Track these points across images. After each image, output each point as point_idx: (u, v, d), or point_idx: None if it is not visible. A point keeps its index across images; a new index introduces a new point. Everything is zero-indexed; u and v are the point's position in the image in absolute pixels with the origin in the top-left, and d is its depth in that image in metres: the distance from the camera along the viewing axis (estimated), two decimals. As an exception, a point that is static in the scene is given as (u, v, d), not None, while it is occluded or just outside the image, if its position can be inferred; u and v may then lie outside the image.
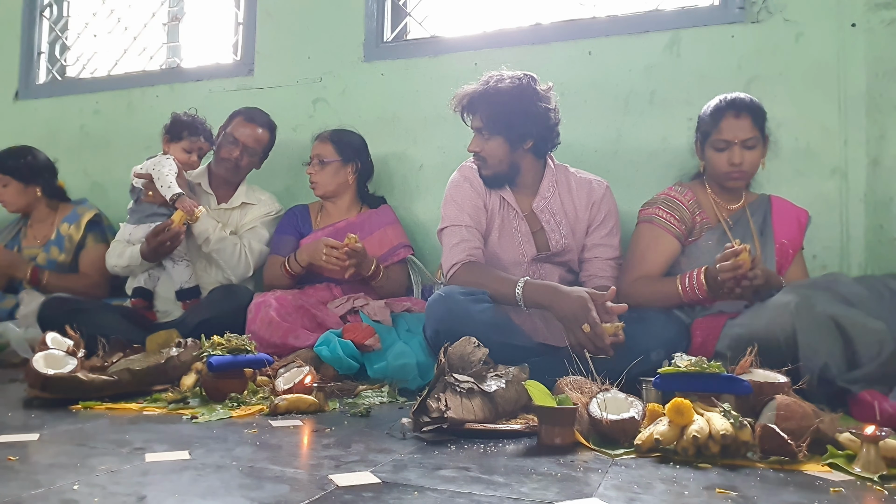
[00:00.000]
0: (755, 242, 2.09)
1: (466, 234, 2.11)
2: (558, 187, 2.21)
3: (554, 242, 2.17)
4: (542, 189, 2.19)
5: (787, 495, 1.09)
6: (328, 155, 2.57)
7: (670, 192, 2.18)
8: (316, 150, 2.60)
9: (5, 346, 2.48)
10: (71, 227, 2.82)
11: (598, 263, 2.19)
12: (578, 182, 2.23)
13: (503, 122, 2.07)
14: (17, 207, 2.88)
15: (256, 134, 2.67)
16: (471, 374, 1.55)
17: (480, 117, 2.11)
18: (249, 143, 2.66)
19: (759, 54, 2.38)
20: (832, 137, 2.30)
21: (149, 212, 2.51)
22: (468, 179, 2.19)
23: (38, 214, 2.90)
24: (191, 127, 2.52)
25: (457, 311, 1.88)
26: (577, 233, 2.20)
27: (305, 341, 2.17)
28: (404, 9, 2.97)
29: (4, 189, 2.83)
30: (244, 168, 2.69)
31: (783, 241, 2.11)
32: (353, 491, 1.05)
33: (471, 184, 2.18)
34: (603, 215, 2.21)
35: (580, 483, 1.13)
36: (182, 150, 2.52)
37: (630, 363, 1.65)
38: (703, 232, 2.13)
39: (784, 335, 1.70)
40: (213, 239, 2.53)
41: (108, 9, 3.54)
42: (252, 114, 2.69)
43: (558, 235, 2.17)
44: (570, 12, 2.71)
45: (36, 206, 2.89)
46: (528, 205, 2.20)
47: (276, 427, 1.53)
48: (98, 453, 1.25)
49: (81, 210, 2.86)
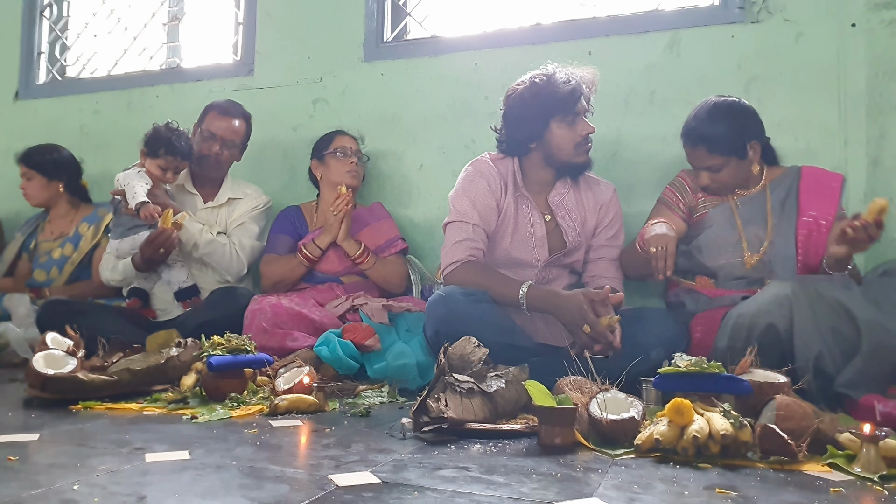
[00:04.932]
0: (768, 221, 2.08)
1: (472, 233, 2.10)
2: (570, 186, 2.22)
3: (570, 239, 2.17)
4: (558, 185, 2.21)
5: (787, 495, 1.09)
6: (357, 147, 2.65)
7: (682, 172, 2.25)
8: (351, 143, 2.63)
9: (5, 346, 2.48)
10: (90, 228, 2.89)
11: (603, 264, 2.19)
12: (587, 183, 2.25)
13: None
14: (39, 201, 2.97)
15: (233, 126, 2.66)
16: (471, 374, 1.55)
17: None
18: (228, 136, 2.65)
19: (759, 54, 2.38)
20: (832, 137, 2.29)
21: (130, 224, 2.49)
22: (484, 176, 2.15)
23: (58, 210, 2.98)
24: (168, 146, 2.48)
25: (458, 311, 1.88)
26: (586, 232, 2.21)
27: (304, 343, 2.17)
28: (404, 9, 2.97)
29: (28, 182, 2.93)
30: (225, 162, 2.68)
31: (811, 213, 2.04)
32: (353, 491, 1.05)
33: (487, 182, 2.14)
34: (611, 217, 2.22)
35: (580, 483, 1.13)
36: (157, 167, 2.50)
37: (630, 363, 1.65)
38: (708, 209, 2.16)
39: (782, 322, 1.70)
40: (202, 243, 2.52)
41: (108, 9, 3.54)
42: (225, 106, 2.68)
43: (574, 232, 2.18)
44: (570, 12, 2.71)
45: (57, 201, 2.97)
46: (544, 200, 2.20)
47: (276, 427, 1.53)
48: (98, 453, 1.25)
49: (102, 212, 2.91)
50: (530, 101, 2.09)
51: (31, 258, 2.99)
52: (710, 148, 2.06)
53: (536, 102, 2.08)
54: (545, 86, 2.08)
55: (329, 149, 2.61)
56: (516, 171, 2.19)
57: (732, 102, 2.10)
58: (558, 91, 2.06)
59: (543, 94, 2.07)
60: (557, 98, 2.06)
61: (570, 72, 2.10)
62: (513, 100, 2.15)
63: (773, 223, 2.07)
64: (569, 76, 2.08)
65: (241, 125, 2.69)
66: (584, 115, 2.11)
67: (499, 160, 2.21)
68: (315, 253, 2.51)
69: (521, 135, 2.15)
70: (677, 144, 2.45)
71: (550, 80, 2.08)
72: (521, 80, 2.15)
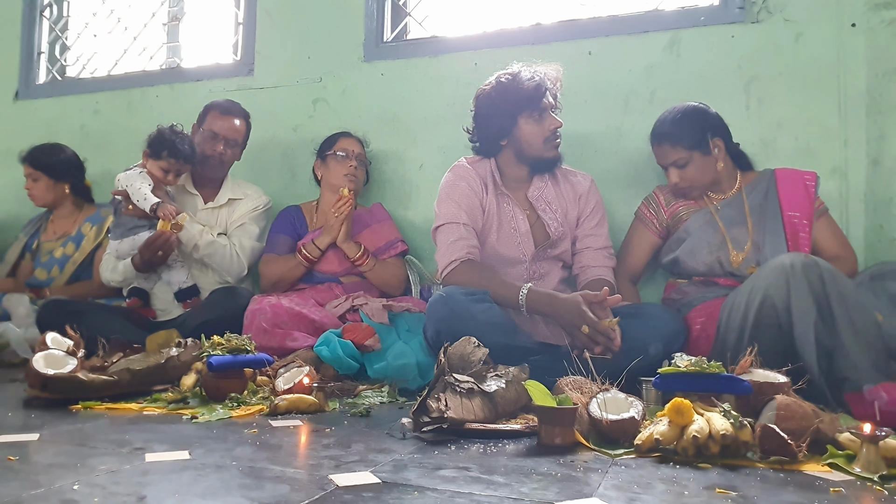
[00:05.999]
0: (748, 223, 2.15)
1: (464, 232, 2.12)
2: (547, 180, 2.27)
3: (553, 230, 2.20)
4: (535, 180, 2.25)
5: (787, 495, 1.09)
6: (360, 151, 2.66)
7: (656, 188, 2.34)
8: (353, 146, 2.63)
9: (5, 346, 2.48)
10: (93, 228, 2.90)
11: (590, 254, 2.23)
12: (564, 175, 2.30)
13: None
14: (44, 202, 2.98)
15: (235, 125, 2.68)
16: (471, 374, 1.55)
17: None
18: (230, 135, 2.66)
19: (759, 54, 2.38)
20: (832, 137, 2.29)
21: (130, 225, 2.50)
22: (464, 178, 2.20)
23: (62, 210, 2.99)
24: (172, 148, 2.49)
25: (458, 311, 1.88)
26: (569, 223, 2.25)
27: (304, 343, 2.17)
28: (404, 9, 2.97)
29: (35, 184, 2.93)
30: (228, 161, 2.69)
31: (792, 213, 2.13)
32: (353, 491, 1.05)
33: (467, 183, 2.19)
34: (591, 207, 2.26)
35: (580, 483, 1.13)
36: (159, 169, 2.50)
37: (629, 362, 1.65)
38: (690, 215, 2.22)
39: (780, 296, 1.71)
40: (202, 245, 2.52)
41: (108, 9, 3.54)
42: (226, 106, 2.69)
43: (556, 223, 2.21)
44: (570, 12, 2.71)
45: (62, 202, 2.98)
46: (524, 196, 2.24)
47: (276, 427, 1.53)
48: (98, 453, 1.25)
49: (105, 213, 2.92)
50: (497, 100, 2.16)
51: (33, 258, 3.00)
52: (672, 142, 2.16)
53: (503, 100, 2.15)
54: (510, 84, 2.15)
55: (331, 150, 2.62)
56: (494, 171, 2.24)
57: (694, 104, 2.21)
58: (523, 88, 2.12)
59: (509, 92, 2.14)
60: (523, 95, 2.13)
61: (534, 70, 2.16)
62: (481, 100, 2.22)
63: (752, 223, 2.14)
64: (533, 74, 2.15)
65: (241, 124, 2.70)
66: (552, 111, 2.17)
67: (476, 162, 2.26)
68: (314, 253, 2.51)
69: (490, 133, 2.21)
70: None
71: (515, 78, 2.15)
72: (488, 81, 2.22)
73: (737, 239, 2.15)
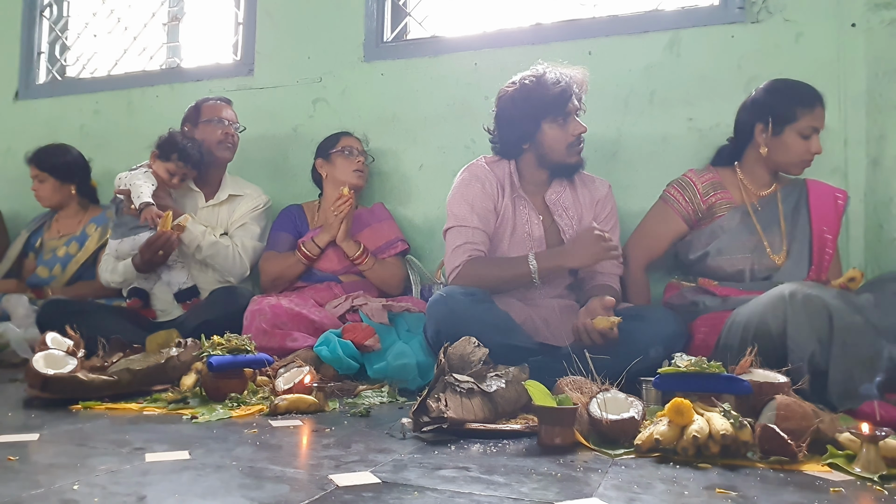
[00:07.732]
0: (781, 229, 2.09)
1: (472, 236, 2.10)
2: (565, 184, 2.23)
3: (568, 237, 2.17)
4: (554, 184, 2.22)
5: (787, 495, 1.09)
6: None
7: (689, 172, 2.22)
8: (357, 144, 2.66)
9: (5, 346, 2.48)
10: (98, 229, 2.92)
11: None
12: (582, 180, 2.26)
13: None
14: (50, 203, 3.00)
15: (231, 110, 2.76)
16: (471, 374, 1.55)
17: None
18: (232, 118, 2.73)
19: (759, 54, 2.38)
20: (832, 137, 2.29)
21: (131, 224, 2.50)
22: (480, 179, 2.15)
23: (67, 211, 3.01)
24: (182, 152, 2.52)
25: (458, 311, 1.88)
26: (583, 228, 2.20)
27: (303, 343, 2.17)
28: (404, 9, 2.97)
29: (41, 185, 2.95)
30: (235, 146, 2.73)
31: (822, 227, 2.06)
32: (353, 491, 1.05)
33: (482, 185, 2.14)
34: (606, 212, 2.24)
35: (580, 483, 1.13)
36: (166, 170, 2.52)
37: (630, 362, 1.65)
38: (726, 210, 2.13)
39: (775, 323, 1.70)
40: (204, 245, 2.53)
41: (108, 9, 3.54)
42: (214, 97, 2.76)
43: (571, 229, 2.19)
44: (570, 12, 2.71)
45: (68, 203, 3.00)
46: (541, 199, 2.21)
47: (276, 427, 1.53)
48: (98, 453, 1.25)
49: (110, 214, 2.90)
50: (521, 103, 2.10)
51: (36, 256, 3.00)
52: (823, 105, 2.07)
53: (527, 104, 2.08)
54: (535, 87, 2.08)
55: (336, 147, 2.62)
56: (513, 173, 2.20)
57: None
58: (549, 92, 2.06)
59: (534, 96, 2.07)
60: (548, 99, 2.07)
61: (560, 72, 2.10)
62: (504, 102, 2.15)
63: (786, 229, 2.09)
64: (559, 77, 2.08)
65: (232, 109, 2.76)
66: (576, 114, 2.11)
67: (494, 162, 2.21)
68: (314, 251, 2.51)
69: (513, 136, 2.15)
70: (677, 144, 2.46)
71: (540, 81, 2.08)
72: (511, 82, 2.16)
73: (773, 242, 2.08)
